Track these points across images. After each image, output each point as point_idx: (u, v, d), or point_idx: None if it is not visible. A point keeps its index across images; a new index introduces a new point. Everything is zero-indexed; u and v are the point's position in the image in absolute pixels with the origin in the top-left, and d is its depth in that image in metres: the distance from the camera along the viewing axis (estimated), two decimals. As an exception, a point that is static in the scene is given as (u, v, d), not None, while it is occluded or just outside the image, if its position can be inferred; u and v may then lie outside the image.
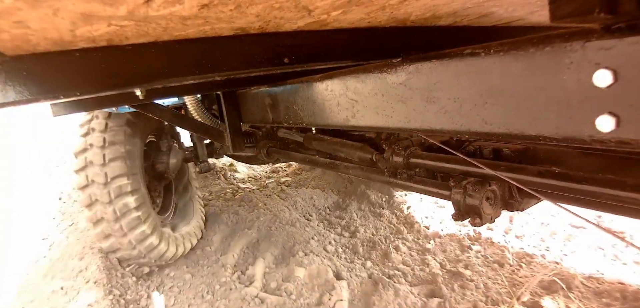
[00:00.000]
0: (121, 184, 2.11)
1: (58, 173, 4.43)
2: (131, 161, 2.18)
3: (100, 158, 2.09)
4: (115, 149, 2.12)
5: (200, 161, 2.85)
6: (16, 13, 0.62)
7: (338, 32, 1.13)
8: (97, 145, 2.10)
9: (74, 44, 0.85)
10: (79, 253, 2.38)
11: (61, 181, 4.02)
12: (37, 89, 0.87)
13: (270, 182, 3.94)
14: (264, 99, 1.55)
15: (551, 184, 0.90)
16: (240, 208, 3.16)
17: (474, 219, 1.05)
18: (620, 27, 0.49)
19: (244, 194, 3.52)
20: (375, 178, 1.46)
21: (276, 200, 3.38)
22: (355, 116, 1.06)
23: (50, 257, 2.56)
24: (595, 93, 0.53)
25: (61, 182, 4.00)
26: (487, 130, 0.71)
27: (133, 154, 2.22)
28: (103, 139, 2.11)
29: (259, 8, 0.82)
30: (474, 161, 1.06)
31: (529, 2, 1.08)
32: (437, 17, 1.15)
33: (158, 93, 1.58)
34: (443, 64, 0.77)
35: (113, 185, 2.09)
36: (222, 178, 4.05)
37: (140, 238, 2.20)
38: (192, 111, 2.06)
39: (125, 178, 2.12)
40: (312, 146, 1.89)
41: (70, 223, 3.08)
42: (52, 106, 1.62)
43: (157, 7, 0.70)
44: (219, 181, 3.95)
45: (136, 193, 2.17)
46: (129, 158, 2.17)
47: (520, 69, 0.62)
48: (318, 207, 3.37)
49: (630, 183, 0.76)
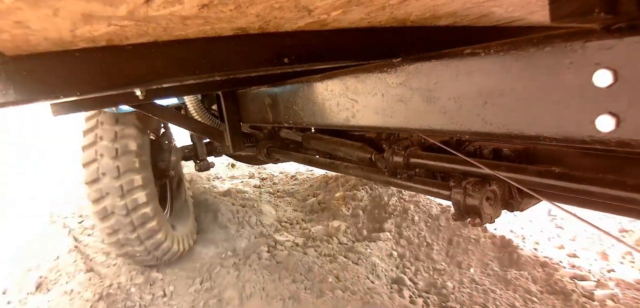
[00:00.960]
0: (133, 178, 2.13)
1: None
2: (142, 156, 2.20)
3: (113, 151, 2.10)
4: (125, 143, 2.13)
5: (200, 159, 2.86)
6: (16, 13, 0.62)
7: (338, 32, 1.13)
8: (108, 139, 2.11)
9: (74, 44, 0.85)
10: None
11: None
12: (37, 89, 0.87)
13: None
14: (264, 99, 1.55)
15: (551, 184, 0.90)
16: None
17: (473, 219, 1.05)
18: (620, 27, 0.49)
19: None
20: (375, 178, 1.46)
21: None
22: (355, 116, 1.06)
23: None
24: (595, 93, 0.53)
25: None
26: (487, 130, 0.71)
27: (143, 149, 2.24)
28: (114, 133, 2.13)
29: (259, 8, 0.82)
30: (474, 161, 1.06)
31: (529, 2, 1.08)
32: (437, 17, 1.15)
33: (158, 93, 1.58)
34: (443, 64, 0.77)
35: (124, 179, 2.10)
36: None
37: (148, 234, 2.21)
38: (192, 110, 2.06)
39: (136, 174, 2.14)
40: (311, 145, 1.89)
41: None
42: (52, 106, 1.62)
43: (157, 7, 0.70)
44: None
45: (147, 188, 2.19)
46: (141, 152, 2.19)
47: (520, 69, 0.62)
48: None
49: (630, 183, 0.76)
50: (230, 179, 4.21)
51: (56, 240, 2.92)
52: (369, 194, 3.37)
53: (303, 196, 3.76)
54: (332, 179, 3.91)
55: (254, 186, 3.99)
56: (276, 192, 3.90)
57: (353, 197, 3.35)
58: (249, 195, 3.66)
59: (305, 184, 4.05)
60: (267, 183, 4.20)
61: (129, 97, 1.49)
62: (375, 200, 3.24)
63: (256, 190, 3.88)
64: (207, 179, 4.03)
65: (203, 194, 3.44)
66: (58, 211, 3.43)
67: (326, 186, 3.82)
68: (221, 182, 4.07)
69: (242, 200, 3.49)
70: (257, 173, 4.46)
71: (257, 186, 4.04)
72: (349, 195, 3.38)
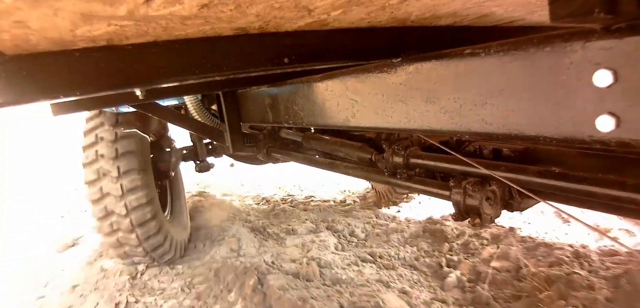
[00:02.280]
0: (133, 178, 2.13)
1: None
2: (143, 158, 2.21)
3: (113, 152, 2.11)
4: (127, 143, 2.14)
5: (200, 160, 2.85)
6: (16, 13, 0.62)
7: (338, 32, 1.13)
8: (108, 139, 2.11)
9: (74, 44, 0.85)
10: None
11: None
12: (37, 89, 0.87)
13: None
14: (264, 99, 1.55)
15: (551, 184, 0.90)
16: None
17: (473, 219, 1.05)
18: (620, 27, 0.49)
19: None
20: (375, 178, 1.46)
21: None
22: (355, 116, 1.06)
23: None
24: (595, 93, 0.53)
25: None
26: (487, 130, 0.71)
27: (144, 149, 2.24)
28: (115, 133, 2.13)
29: (259, 8, 0.82)
30: (474, 162, 1.06)
31: (529, 2, 1.08)
32: (437, 17, 1.15)
33: (158, 93, 1.58)
34: (443, 64, 0.77)
35: (125, 180, 2.11)
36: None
37: (147, 234, 2.22)
38: (192, 110, 2.06)
39: (136, 174, 2.14)
40: (311, 145, 1.89)
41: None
42: (52, 106, 1.62)
43: (157, 7, 0.70)
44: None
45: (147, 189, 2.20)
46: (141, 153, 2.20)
47: (520, 69, 0.62)
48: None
49: (630, 183, 0.76)
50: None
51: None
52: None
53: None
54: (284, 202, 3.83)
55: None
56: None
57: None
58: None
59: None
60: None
61: (129, 97, 1.49)
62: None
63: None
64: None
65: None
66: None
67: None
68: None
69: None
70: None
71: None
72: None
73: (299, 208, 3.61)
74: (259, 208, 3.78)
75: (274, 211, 3.57)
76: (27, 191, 5.09)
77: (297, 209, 3.59)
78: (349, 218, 3.18)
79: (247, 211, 3.51)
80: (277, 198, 4.13)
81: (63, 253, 3.00)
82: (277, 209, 3.63)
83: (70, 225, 3.66)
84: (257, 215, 3.48)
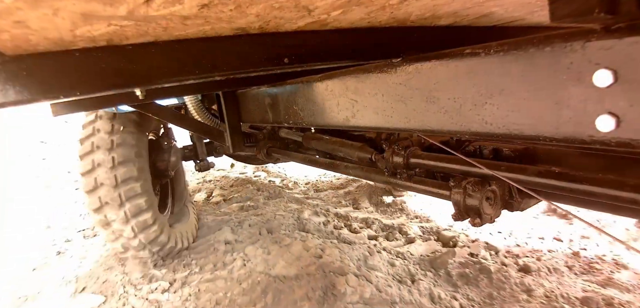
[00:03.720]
0: (127, 169, 2.12)
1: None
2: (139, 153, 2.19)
3: (108, 143, 2.10)
4: (123, 137, 2.13)
5: (200, 159, 2.86)
6: (16, 13, 0.62)
7: (338, 32, 1.13)
8: (105, 131, 2.11)
9: (74, 44, 0.85)
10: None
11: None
12: (37, 89, 0.87)
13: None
14: (263, 99, 1.55)
15: (551, 184, 0.90)
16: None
17: (473, 219, 1.05)
18: (620, 27, 0.49)
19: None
20: (375, 178, 1.46)
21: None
22: (355, 116, 1.06)
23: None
24: (595, 93, 0.53)
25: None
26: (487, 130, 0.71)
27: (140, 146, 2.23)
28: (111, 125, 2.12)
29: (259, 8, 0.82)
30: (474, 161, 1.06)
31: (529, 2, 1.08)
32: (437, 17, 1.15)
33: (158, 93, 1.58)
34: (443, 64, 0.77)
35: (119, 171, 2.09)
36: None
37: (143, 227, 2.21)
38: (192, 110, 2.06)
39: (132, 165, 2.13)
40: (311, 145, 1.89)
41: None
42: (52, 106, 1.62)
43: (157, 7, 0.70)
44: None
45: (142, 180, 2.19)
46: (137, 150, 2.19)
47: (520, 69, 0.62)
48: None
49: (630, 183, 0.76)
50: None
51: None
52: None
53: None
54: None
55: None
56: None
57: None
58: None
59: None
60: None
61: (129, 97, 1.49)
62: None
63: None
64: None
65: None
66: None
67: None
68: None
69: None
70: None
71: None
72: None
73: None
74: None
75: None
76: (27, 192, 5.08)
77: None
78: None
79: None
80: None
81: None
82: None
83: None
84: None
